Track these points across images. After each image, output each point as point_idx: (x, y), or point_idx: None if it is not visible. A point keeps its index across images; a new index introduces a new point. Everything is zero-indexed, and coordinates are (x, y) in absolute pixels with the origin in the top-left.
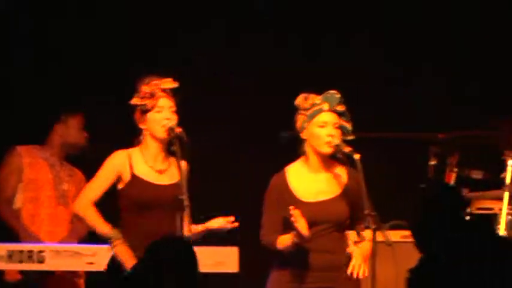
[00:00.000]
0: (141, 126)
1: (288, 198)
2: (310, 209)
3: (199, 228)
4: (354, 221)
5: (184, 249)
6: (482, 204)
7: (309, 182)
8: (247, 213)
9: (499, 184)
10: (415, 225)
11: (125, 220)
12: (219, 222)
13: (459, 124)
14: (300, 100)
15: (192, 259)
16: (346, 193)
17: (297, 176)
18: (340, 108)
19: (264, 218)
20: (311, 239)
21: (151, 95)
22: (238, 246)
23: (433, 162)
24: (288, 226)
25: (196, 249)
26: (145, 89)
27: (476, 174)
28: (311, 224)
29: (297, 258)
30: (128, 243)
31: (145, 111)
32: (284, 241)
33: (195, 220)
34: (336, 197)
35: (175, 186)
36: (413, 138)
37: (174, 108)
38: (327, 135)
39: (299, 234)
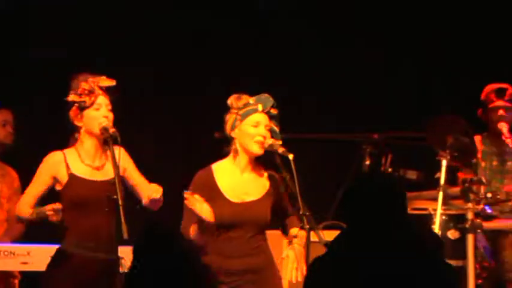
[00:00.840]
0: (78, 123)
1: (215, 195)
2: (235, 209)
3: None
4: (282, 224)
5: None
6: (417, 205)
7: (235, 182)
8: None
9: (434, 184)
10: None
11: (67, 220)
12: None
13: (394, 124)
14: (232, 99)
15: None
16: (269, 196)
17: (223, 174)
18: (273, 111)
19: (185, 211)
20: (232, 240)
21: (90, 92)
22: None
23: (367, 162)
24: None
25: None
26: (84, 85)
27: (411, 175)
28: (234, 225)
29: (218, 261)
30: (70, 242)
31: (83, 108)
32: (194, 228)
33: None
34: (259, 199)
35: (110, 182)
36: (348, 138)
37: (110, 107)
38: (259, 135)
39: (201, 218)
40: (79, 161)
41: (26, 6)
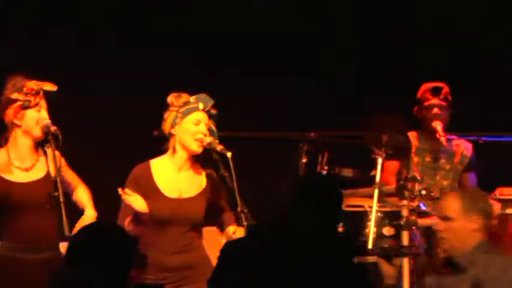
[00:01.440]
0: (17, 122)
1: (152, 190)
2: (171, 205)
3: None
4: (219, 221)
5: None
6: (352, 202)
7: (173, 178)
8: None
9: (370, 182)
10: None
11: (3, 224)
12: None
13: (330, 124)
14: (172, 98)
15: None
16: (204, 195)
17: (161, 170)
18: (213, 110)
19: (122, 204)
20: (166, 235)
21: (37, 93)
22: None
23: (304, 160)
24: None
25: None
26: (30, 85)
27: (347, 172)
28: (169, 220)
29: (158, 258)
30: (8, 246)
31: (25, 107)
32: (128, 221)
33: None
34: (194, 196)
35: (43, 181)
36: (284, 137)
37: (46, 110)
38: (200, 133)
39: (135, 211)
40: (8, 163)
41: None
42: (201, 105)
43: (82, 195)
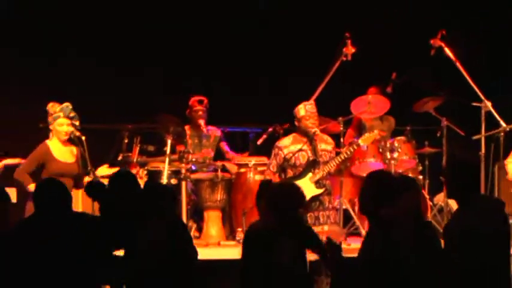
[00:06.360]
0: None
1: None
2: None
3: None
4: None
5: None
6: (153, 165)
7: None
8: None
9: (163, 153)
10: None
11: None
12: None
13: (139, 118)
14: (49, 106)
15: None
16: (77, 162)
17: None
18: (72, 114)
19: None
20: None
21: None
22: None
23: (125, 141)
24: None
25: None
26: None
27: (150, 148)
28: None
29: None
30: None
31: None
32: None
33: None
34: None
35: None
36: (114, 128)
37: None
38: (63, 129)
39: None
40: None
41: None
42: (61, 114)
43: None
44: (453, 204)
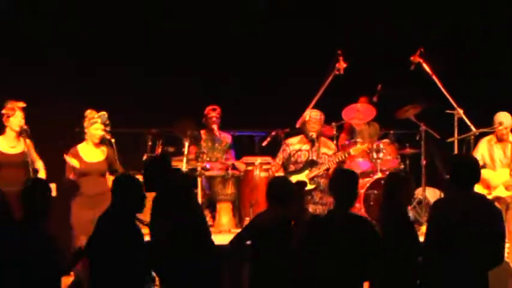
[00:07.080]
0: None
1: (77, 159)
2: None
3: None
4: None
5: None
6: (173, 164)
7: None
8: None
9: (181, 153)
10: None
11: None
12: None
13: (162, 123)
14: (87, 112)
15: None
16: (107, 160)
17: (84, 149)
18: (107, 121)
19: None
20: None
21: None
22: None
23: (149, 143)
24: None
25: None
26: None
27: (171, 149)
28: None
29: None
30: None
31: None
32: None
33: None
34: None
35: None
36: (140, 131)
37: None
38: (98, 133)
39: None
40: None
41: None
42: (99, 120)
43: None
44: (430, 197)
